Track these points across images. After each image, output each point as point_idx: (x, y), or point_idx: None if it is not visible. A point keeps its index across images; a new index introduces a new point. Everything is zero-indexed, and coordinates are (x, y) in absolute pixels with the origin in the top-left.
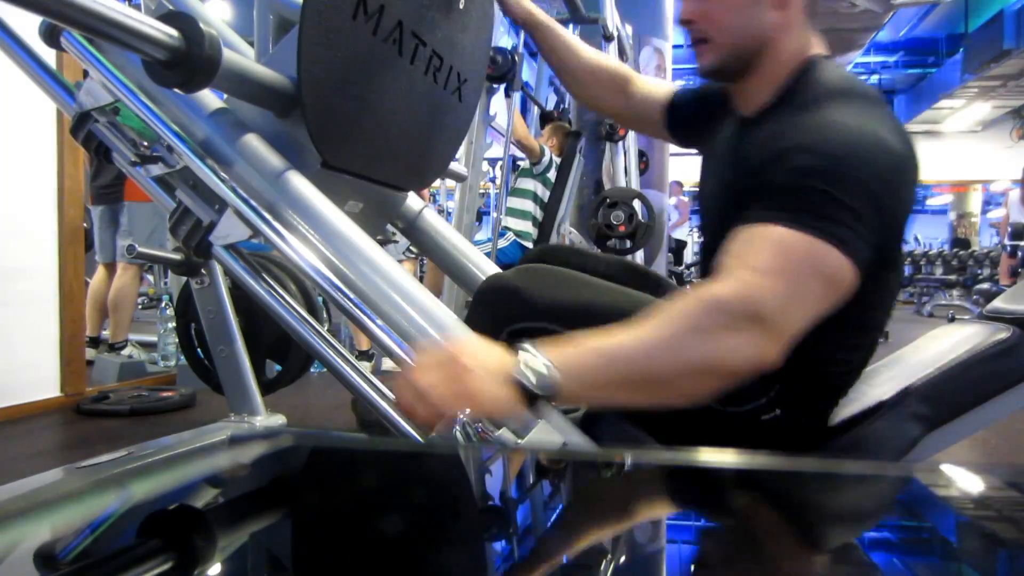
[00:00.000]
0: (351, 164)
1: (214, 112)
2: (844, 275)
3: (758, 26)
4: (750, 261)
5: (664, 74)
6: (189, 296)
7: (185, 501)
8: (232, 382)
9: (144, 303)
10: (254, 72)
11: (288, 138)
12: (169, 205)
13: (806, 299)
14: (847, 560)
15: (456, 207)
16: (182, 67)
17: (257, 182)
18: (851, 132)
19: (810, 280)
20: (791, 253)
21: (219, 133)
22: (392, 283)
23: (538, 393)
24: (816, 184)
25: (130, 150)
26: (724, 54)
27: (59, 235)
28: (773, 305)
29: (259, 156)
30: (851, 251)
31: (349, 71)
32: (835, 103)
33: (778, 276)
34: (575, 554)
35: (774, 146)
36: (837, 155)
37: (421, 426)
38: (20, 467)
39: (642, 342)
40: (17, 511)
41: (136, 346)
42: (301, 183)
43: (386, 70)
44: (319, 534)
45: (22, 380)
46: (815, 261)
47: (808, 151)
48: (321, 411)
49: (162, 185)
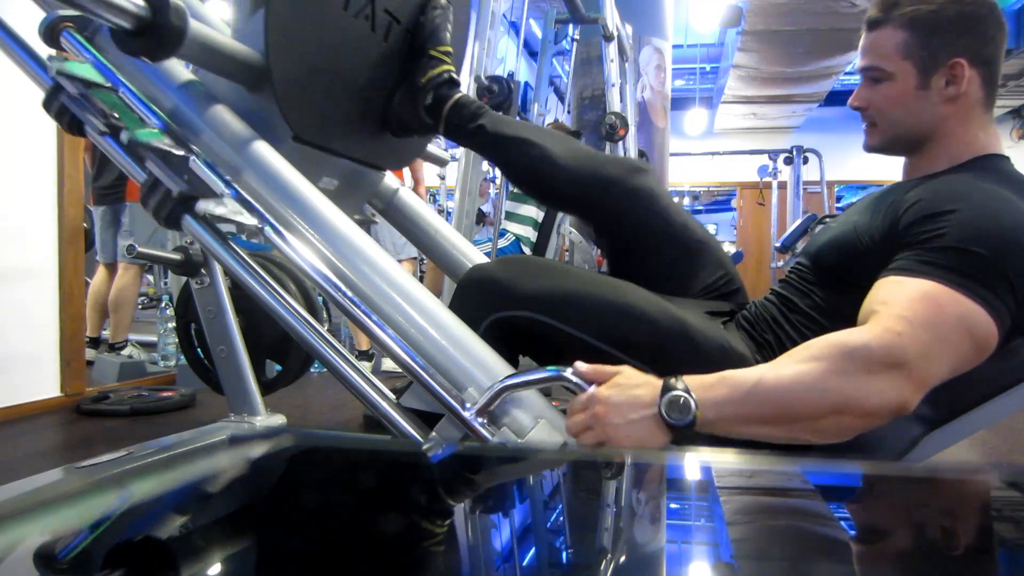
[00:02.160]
0: (322, 138)
1: (183, 83)
2: (990, 338)
3: (927, 119)
4: (900, 311)
5: (664, 74)
6: (189, 296)
7: (185, 501)
8: (232, 382)
9: (144, 303)
10: (223, 44)
11: (259, 111)
12: (140, 176)
13: (950, 353)
14: (845, 560)
15: (456, 209)
16: (148, 35)
17: (224, 151)
18: (1015, 210)
19: (956, 337)
20: (943, 309)
21: (186, 103)
22: (392, 283)
23: (679, 427)
24: (981, 251)
25: (100, 121)
26: (889, 140)
27: (59, 235)
28: (915, 353)
29: (227, 125)
30: (999, 316)
31: (318, 45)
32: (1010, 186)
33: (926, 328)
34: (575, 554)
35: (943, 203)
36: (1008, 228)
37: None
38: (20, 467)
39: (782, 378)
40: (17, 511)
41: (136, 346)
42: (268, 152)
43: (357, 46)
44: (319, 534)
45: (22, 380)
46: (965, 320)
47: (980, 217)
48: (321, 411)
49: (133, 156)
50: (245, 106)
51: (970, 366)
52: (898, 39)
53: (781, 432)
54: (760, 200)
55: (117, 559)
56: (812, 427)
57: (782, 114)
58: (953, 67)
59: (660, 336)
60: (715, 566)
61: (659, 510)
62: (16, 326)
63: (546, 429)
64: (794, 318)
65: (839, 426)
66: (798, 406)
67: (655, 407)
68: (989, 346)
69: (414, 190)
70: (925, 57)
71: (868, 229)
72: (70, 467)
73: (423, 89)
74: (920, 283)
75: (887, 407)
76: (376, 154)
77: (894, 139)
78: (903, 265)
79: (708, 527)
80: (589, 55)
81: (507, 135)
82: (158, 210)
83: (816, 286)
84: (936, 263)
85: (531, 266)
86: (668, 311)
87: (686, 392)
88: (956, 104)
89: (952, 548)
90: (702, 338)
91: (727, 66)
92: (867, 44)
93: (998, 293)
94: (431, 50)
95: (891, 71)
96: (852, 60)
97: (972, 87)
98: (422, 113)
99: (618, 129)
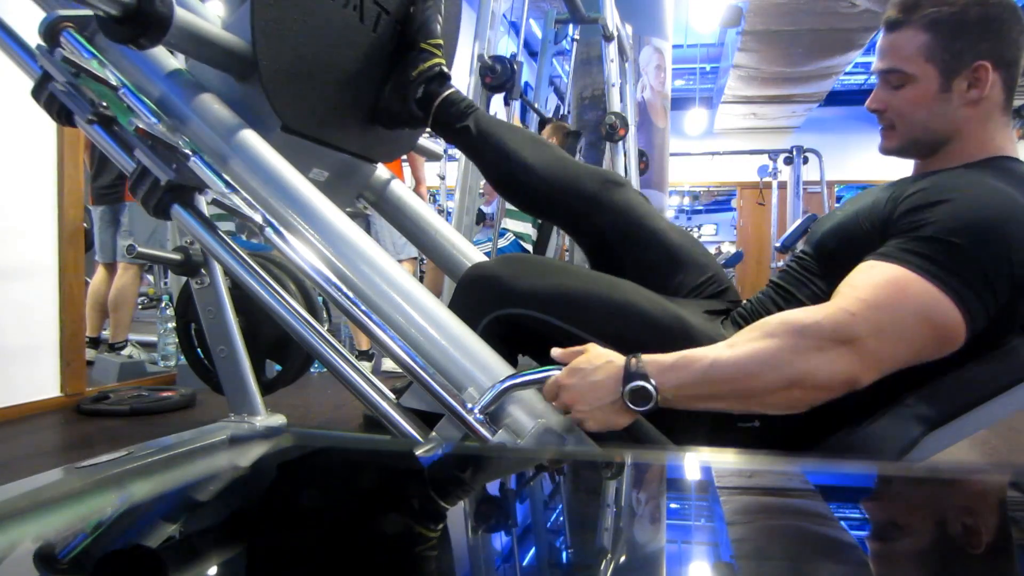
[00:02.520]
0: (311, 129)
1: (170, 72)
2: (954, 329)
3: (947, 122)
4: (861, 293)
5: (664, 74)
6: (189, 296)
7: (185, 501)
8: (232, 382)
9: (144, 303)
10: (210, 33)
11: (247, 101)
12: (129, 165)
13: (905, 336)
14: (845, 560)
15: (456, 208)
16: (133, 22)
17: (212, 140)
18: (1013, 204)
19: (914, 321)
20: (904, 294)
21: (174, 91)
22: (392, 283)
23: (639, 410)
24: (959, 240)
25: (89, 110)
26: (907, 142)
27: (59, 235)
28: (866, 331)
29: (214, 114)
30: (969, 312)
31: (305, 34)
32: (1010, 180)
33: (881, 309)
34: (576, 554)
35: (937, 195)
36: (993, 220)
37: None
38: (20, 467)
39: (737, 356)
40: (17, 511)
41: (136, 346)
42: (257, 141)
43: (346, 37)
44: (319, 534)
45: (22, 380)
46: (926, 306)
47: (967, 209)
48: (321, 411)
49: (122, 145)
50: (234, 96)
51: (933, 355)
52: (920, 41)
53: (736, 406)
54: (760, 200)
55: (117, 559)
56: (765, 401)
57: (782, 114)
58: (976, 70)
59: (659, 333)
60: (715, 566)
61: (659, 510)
62: (16, 326)
63: (546, 429)
64: (791, 308)
65: (790, 399)
66: (751, 382)
67: (618, 395)
68: (954, 337)
69: (415, 190)
70: (948, 60)
71: (869, 216)
72: (70, 467)
73: (413, 82)
74: (890, 268)
75: (836, 381)
76: (366, 146)
77: (913, 142)
78: (883, 251)
79: (708, 527)
80: (589, 55)
81: (490, 139)
82: (147, 199)
83: (816, 276)
84: (913, 251)
85: (531, 264)
86: (667, 308)
87: (645, 380)
88: (977, 107)
89: (952, 548)
90: (700, 335)
91: (727, 66)
92: (886, 46)
93: (971, 286)
94: (422, 43)
95: (913, 74)
96: (852, 60)
97: (994, 90)
98: (412, 106)
99: (618, 129)
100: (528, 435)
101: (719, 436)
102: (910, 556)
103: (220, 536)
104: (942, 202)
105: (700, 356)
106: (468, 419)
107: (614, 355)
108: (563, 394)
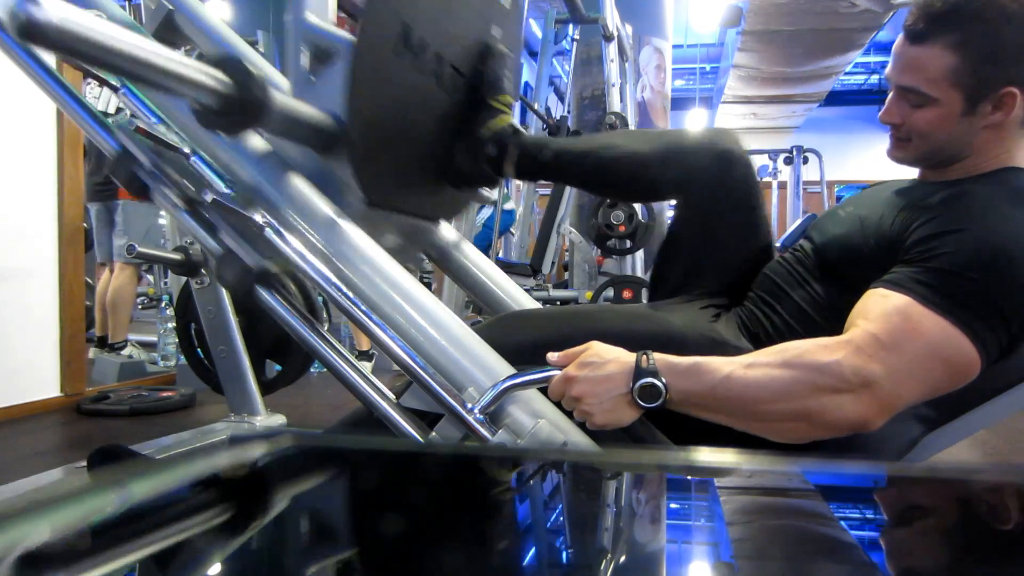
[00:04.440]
0: (392, 201)
1: (262, 155)
2: (970, 366)
3: (966, 141)
4: (878, 330)
5: (664, 74)
6: (189, 296)
7: (185, 501)
8: (232, 382)
9: (144, 303)
10: (299, 111)
11: (330, 177)
12: (216, 249)
13: (922, 378)
14: (845, 560)
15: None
16: (233, 113)
17: (287, 214)
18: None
19: (932, 363)
20: (921, 334)
21: (267, 178)
22: (392, 283)
23: (649, 409)
24: (975, 275)
25: (174, 191)
26: (921, 157)
27: (59, 235)
28: (884, 376)
29: (308, 202)
30: (984, 347)
31: (393, 109)
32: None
33: (900, 352)
34: (576, 554)
35: (952, 222)
36: (1006, 251)
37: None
38: (20, 467)
39: (751, 379)
40: (17, 511)
41: (136, 346)
42: (350, 228)
43: (424, 104)
44: (319, 534)
45: (22, 380)
46: (943, 347)
47: (983, 242)
48: (321, 411)
49: (204, 226)
50: (313, 170)
51: (946, 391)
52: (946, 64)
53: (739, 424)
54: None
55: (117, 560)
56: (770, 427)
57: (782, 114)
58: (1004, 96)
59: (646, 347)
60: (715, 566)
61: (659, 510)
62: (16, 326)
63: (546, 429)
64: (784, 310)
65: (796, 431)
66: (761, 407)
67: (628, 389)
68: (968, 374)
69: None
70: (975, 85)
71: (876, 232)
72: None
73: (485, 141)
74: (904, 301)
75: (847, 424)
76: (434, 206)
77: (927, 156)
78: (895, 278)
79: (708, 527)
80: (589, 55)
81: (580, 152)
82: (237, 284)
83: (814, 279)
84: (926, 283)
85: (513, 322)
86: (648, 321)
87: (657, 377)
88: (999, 128)
89: (952, 548)
90: (689, 336)
91: (727, 66)
92: (909, 60)
93: (988, 322)
94: (491, 100)
95: (937, 98)
96: (852, 60)
97: (1018, 111)
98: (484, 166)
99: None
100: (528, 435)
101: (719, 436)
102: (910, 556)
103: (220, 536)
104: (957, 231)
105: (715, 368)
106: (468, 419)
107: (622, 351)
108: (573, 387)
